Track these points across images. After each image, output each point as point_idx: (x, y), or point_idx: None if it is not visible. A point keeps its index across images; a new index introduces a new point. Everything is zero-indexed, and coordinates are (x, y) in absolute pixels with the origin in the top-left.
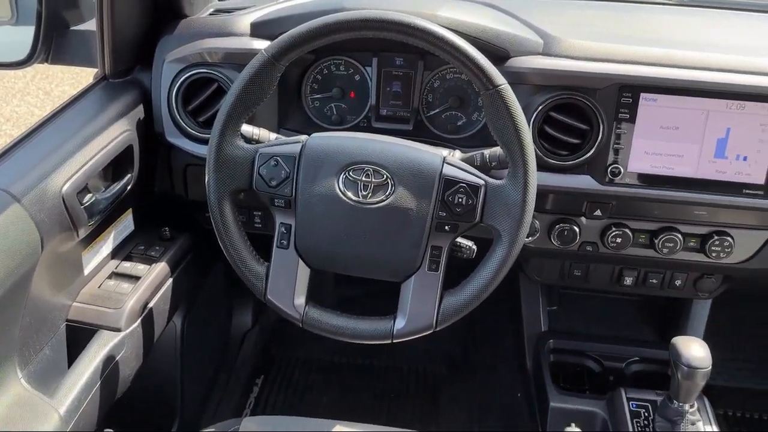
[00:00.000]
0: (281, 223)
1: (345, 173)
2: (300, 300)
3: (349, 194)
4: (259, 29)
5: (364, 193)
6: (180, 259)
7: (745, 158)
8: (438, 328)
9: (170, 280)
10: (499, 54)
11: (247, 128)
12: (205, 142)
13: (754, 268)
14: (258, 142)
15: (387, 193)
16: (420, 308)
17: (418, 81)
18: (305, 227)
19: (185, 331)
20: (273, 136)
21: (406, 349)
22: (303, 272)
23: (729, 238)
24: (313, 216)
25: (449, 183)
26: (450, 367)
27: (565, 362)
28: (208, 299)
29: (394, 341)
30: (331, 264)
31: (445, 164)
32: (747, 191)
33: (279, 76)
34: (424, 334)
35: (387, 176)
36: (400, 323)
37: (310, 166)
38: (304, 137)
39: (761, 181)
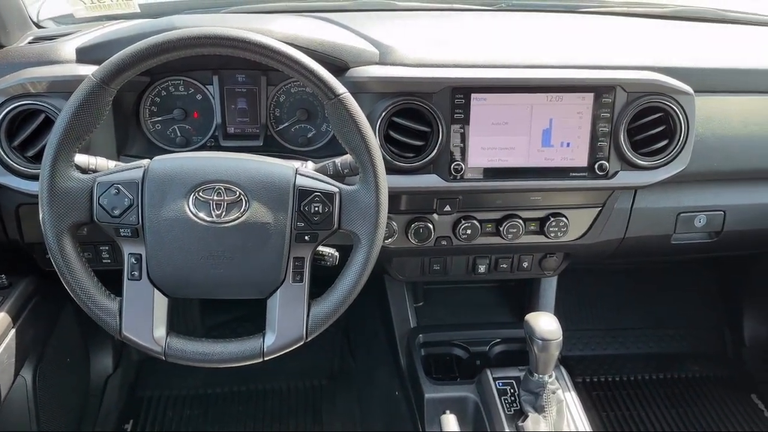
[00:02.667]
0: (130, 253)
1: (194, 194)
2: (160, 332)
3: (202, 215)
4: (85, 54)
5: (218, 212)
6: (22, 307)
7: (568, 144)
8: (309, 339)
9: (13, 331)
10: (338, 65)
11: (81, 158)
12: (36, 178)
13: (588, 243)
14: (95, 171)
15: (242, 209)
16: (288, 321)
17: (263, 96)
18: (157, 255)
19: (37, 384)
20: (112, 164)
21: (283, 367)
22: (160, 302)
23: (564, 219)
24: (164, 242)
25: (304, 193)
26: (329, 378)
27: (436, 354)
28: (61, 346)
29: (266, 358)
30: (190, 290)
31: (298, 175)
32: (573, 174)
33: (111, 100)
34: (296, 346)
35: (240, 193)
36: (269, 339)
37: (155, 191)
38: (146, 161)
39: (584, 163)
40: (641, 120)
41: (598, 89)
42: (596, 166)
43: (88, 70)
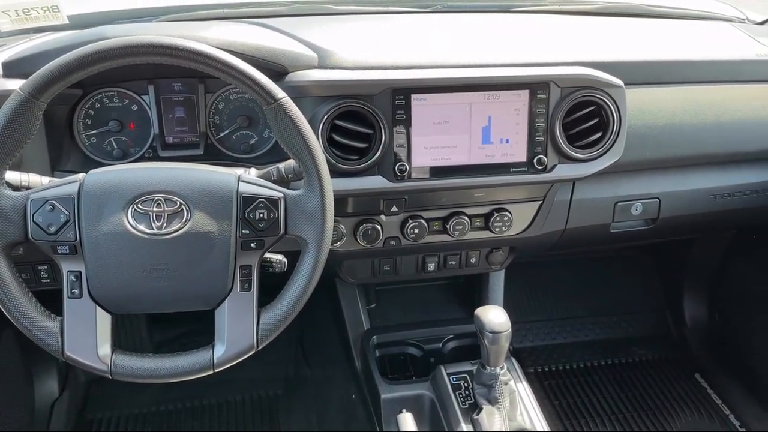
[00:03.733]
0: (69, 271)
1: (133, 206)
2: (105, 350)
3: (142, 227)
4: (12, 68)
5: (158, 223)
6: None
7: (507, 141)
8: (260, 347)
9: None
10: (276, 70)
11: (13, 175)
12: None
13: (532, 236)
14: (28, 188)
15: (183, 220)
16: (238, 330)
17: (202, 104)
18: (97, 271)
19: None
20: (46, 179)
21: (237, 379)
22: (103, 319)
23: (507, 213)
24: (104, 258)
25: (248, 200)
26: (285, 386)
27: (390, 354)
28: (2, 373)
29: (217, 370)
30: (135, 305)
31: (240, 182)
32: (514, 169)
33: (41, 114)
34: (247, 355)
35: (181, 203)
36: (219, 350)
37: (91, 205)
38: (81, 175)
39: (524, 158)
40: (576, 114)
41: (532, 86)
42: (535, 160)
43: (16, 84)
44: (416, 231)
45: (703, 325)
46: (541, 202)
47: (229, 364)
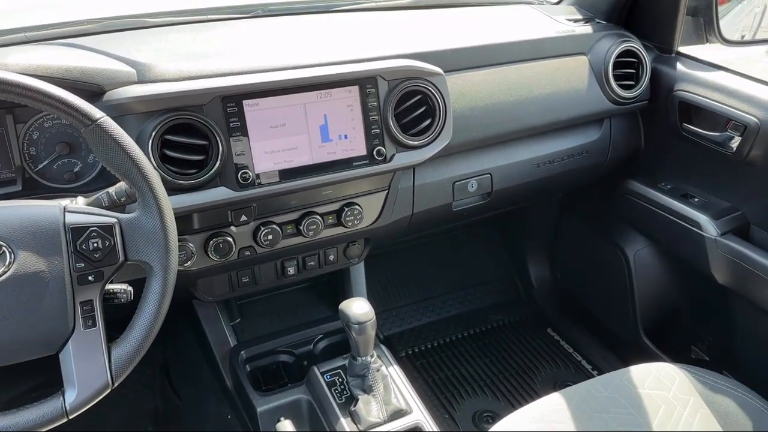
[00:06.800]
0: None
1: None
2: None
3: None
4: None
5: None
6: None
7: (346, 137)
8: (116, 384)
9: None
10: (92, 90)
11: None
12: None
13: (383, 225)
14: None
15: (7, 263)
16: (88, 371)
17: (13, 136)
18: None
19: None
20: None
21: (103, 422)
22: None
23: (357, 207)
24: None
25: (77, 231)
26: (155, 420)
27: (262, 366)
28: None
29: (72, 417)
30: None
31: (66, 213)
32: (356, 163)
33: None
34: (103, 395)
35: (1, 245)
36: (71, 395)
37: None
38: None
39: (364, 152)
40: (405, 104)
41: (361, 81)
42: (374, 152)
43: None
44: (270, 237)
45: (548, 284)
46: (386, 191)
47: (85, 408)
